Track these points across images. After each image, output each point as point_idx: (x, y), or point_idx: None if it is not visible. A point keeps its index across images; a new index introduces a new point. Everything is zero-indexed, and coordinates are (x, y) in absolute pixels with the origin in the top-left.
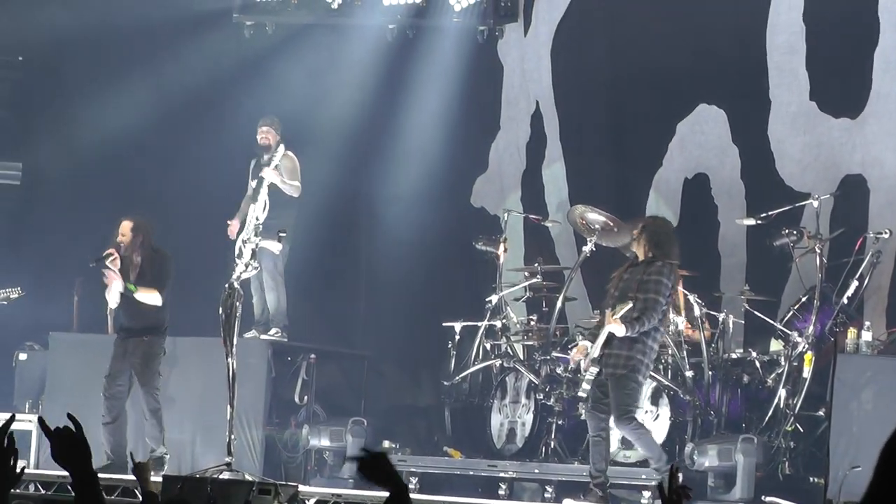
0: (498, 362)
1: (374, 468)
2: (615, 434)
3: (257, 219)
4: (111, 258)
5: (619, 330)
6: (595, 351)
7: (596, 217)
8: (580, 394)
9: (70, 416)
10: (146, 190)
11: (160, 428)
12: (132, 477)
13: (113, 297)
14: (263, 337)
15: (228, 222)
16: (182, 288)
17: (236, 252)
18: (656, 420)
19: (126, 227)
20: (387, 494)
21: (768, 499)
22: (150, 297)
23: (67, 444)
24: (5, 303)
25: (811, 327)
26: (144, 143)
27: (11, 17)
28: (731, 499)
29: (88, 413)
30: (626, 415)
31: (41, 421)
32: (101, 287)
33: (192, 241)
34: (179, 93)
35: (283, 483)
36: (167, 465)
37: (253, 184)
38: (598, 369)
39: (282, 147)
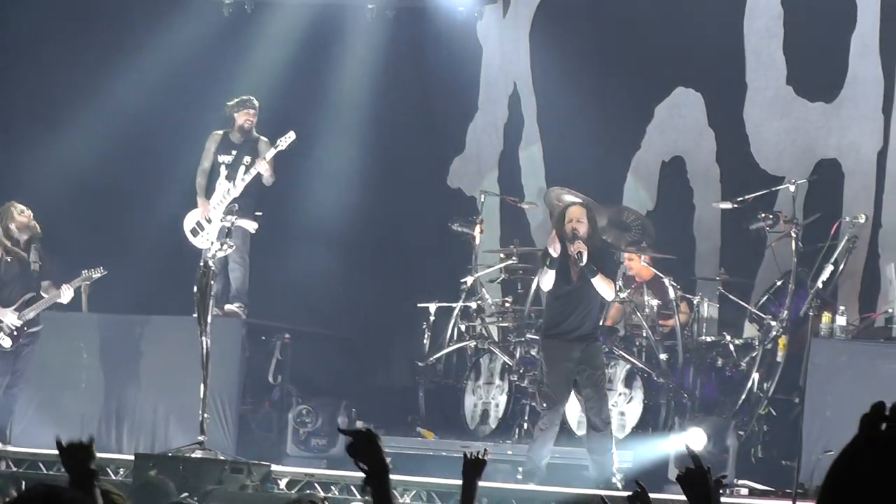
0: (472, 343)
1: (365, 445)
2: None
3: (231, 197)
4: None
5: None
6: None
7: (572, 199)
8: None
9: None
10: (123, 169)
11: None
12: None
13: None
14: (227, 307)
15: (199, 201)
16: (155, 266)
17: (196, 229)
18: (630, 403)
19: (580, 212)
20: (360, 475)
21: (741, 482)
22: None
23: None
24: (88, 282)
25: (785, 311)
26: (121, 125)
27: None
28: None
29: (62, 392)
30: None
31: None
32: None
33: (166, 218)
34: (157, 73)
35: (256, 462)
36: None
37: (225, 159)
38: None
39: (289, 137)
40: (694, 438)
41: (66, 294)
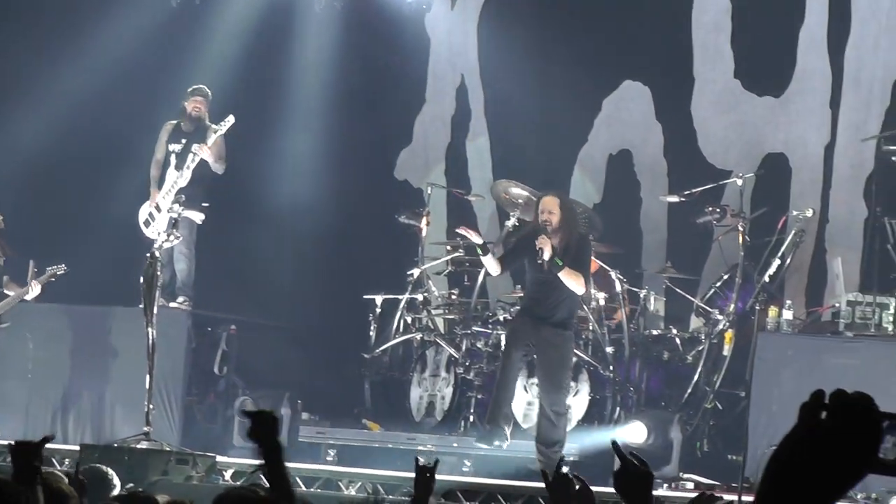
0: (418, 336)
1: (265, 425)
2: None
3: (178, 187)
4: None
5: None
6: None
7: (519, 192)
8: None
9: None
10: (76, 160)
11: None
12: None
13: None
14: (172, 304)
15: (152, 191)
16: (106, 257)
17: (148, 220)
18: (576, 395)
19: (551, 203)
20: (303, 466)
21: (686, 476)
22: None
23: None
24: (53, 279)
25: (732, 305)
26: (74, 114)
27: None
28: (665, 476)
29: (7, 382)
30: None
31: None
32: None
33: (120, 209)
34: (109, 63)
35: (201, 453)
36: None
37: (175, 148)
38: None
39: (228, 121)
40: (634, 432)
41: (33, 290)
